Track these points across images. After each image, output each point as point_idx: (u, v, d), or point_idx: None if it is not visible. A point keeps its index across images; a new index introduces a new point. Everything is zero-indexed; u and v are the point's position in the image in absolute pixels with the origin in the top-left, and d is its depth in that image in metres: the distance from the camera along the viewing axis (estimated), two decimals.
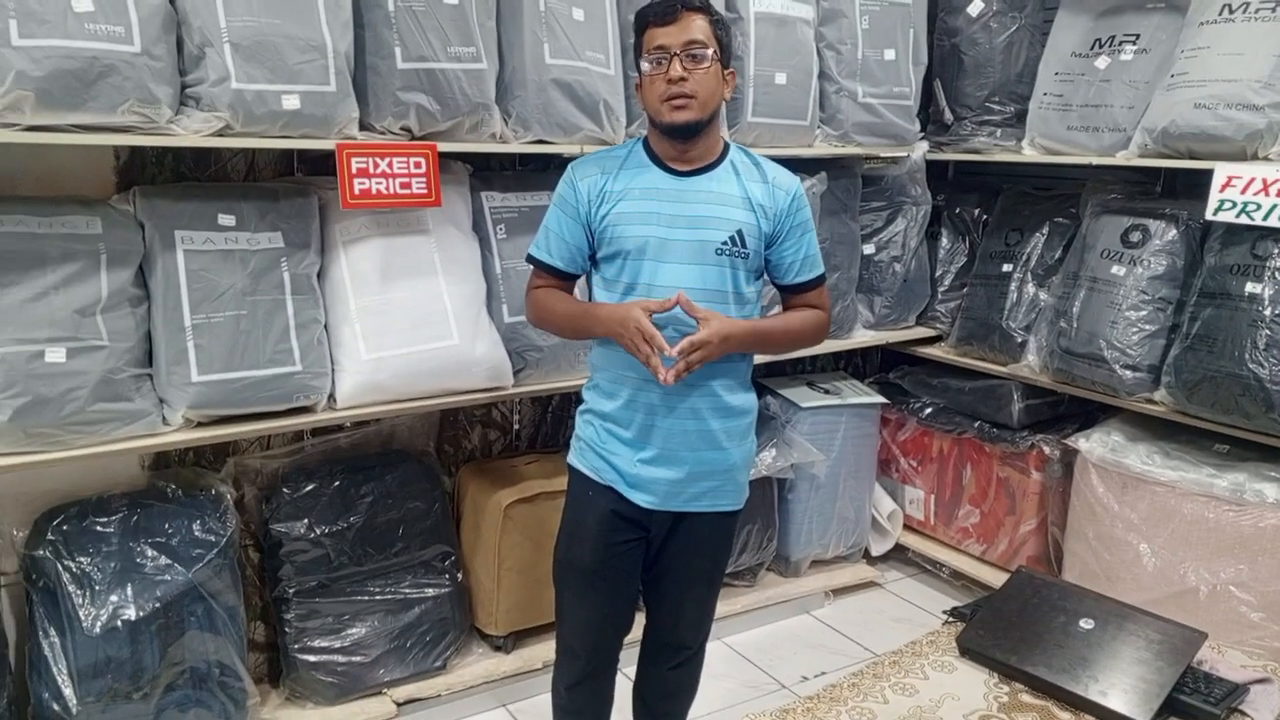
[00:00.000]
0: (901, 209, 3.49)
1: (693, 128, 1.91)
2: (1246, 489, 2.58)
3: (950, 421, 3.48)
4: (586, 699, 2.13)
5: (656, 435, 1.96)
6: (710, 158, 1.98)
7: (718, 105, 1.95)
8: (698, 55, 1.88)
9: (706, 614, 2.16)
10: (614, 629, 2.10)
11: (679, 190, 1.95)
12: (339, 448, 2.75)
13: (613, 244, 1.95)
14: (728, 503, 2.05)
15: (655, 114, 1.93)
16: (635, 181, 1.96)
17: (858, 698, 1.96)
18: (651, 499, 1.98)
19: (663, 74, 1.88)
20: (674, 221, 1.92)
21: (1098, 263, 2.98)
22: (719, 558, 2.12)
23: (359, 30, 2.28)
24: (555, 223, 2.01)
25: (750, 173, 2.00)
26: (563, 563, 2.08)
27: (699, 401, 1.95)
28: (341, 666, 2.55)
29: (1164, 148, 2.77)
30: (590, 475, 2.02)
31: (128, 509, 2.31)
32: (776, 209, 1.99)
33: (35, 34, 1.88)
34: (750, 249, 1.96)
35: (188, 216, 2.23)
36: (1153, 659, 1.95)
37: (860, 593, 3.52)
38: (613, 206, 1.95)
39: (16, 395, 2.00)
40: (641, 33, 1.94)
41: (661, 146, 1.98)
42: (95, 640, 2.16)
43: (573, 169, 2.02)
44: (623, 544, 2.02)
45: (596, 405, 2.03)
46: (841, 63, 3.13)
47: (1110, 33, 3.09)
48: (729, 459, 2.01)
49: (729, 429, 2.00)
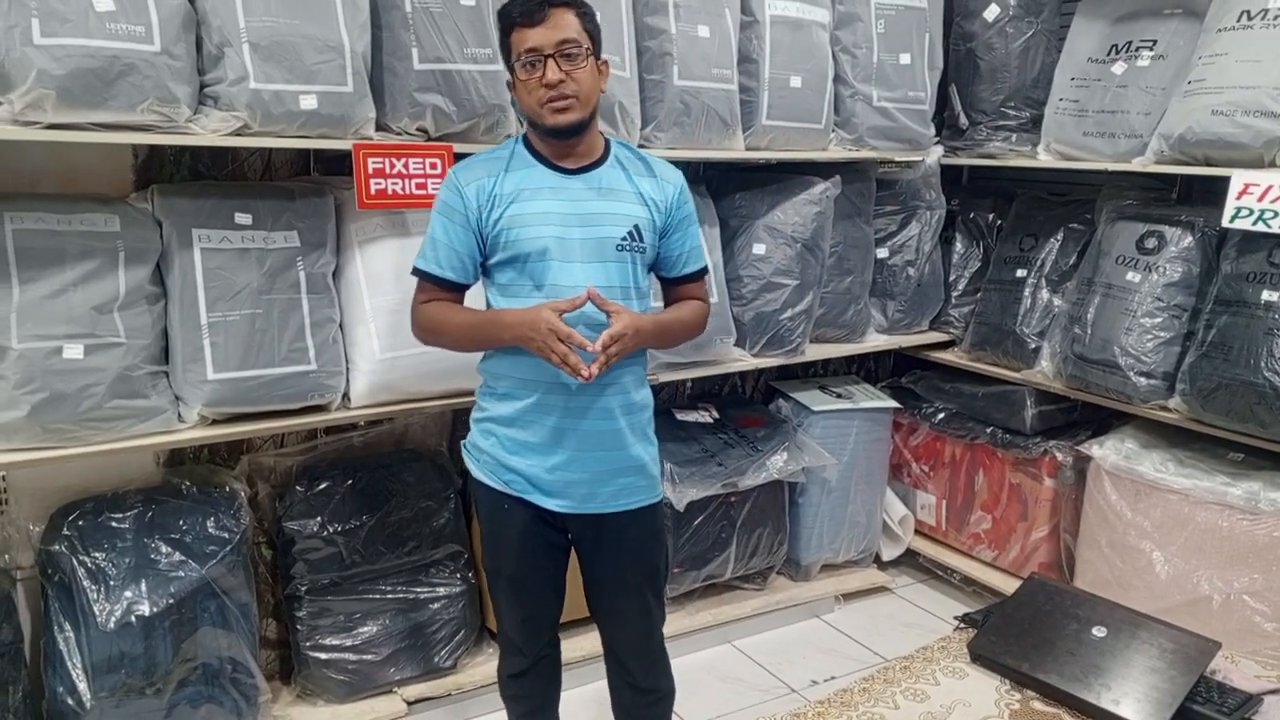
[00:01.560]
0: (916, 213, 3.49)
1: (576, 127, 1.90)
2: (1261, 498, 2.56)
3: (963, 427, 3.47)
4: (530, 685, 2.15)
5: (569, 439, 1.93)
6: (595, 154, 1.97)
7: (597, 101, 1.94)
8: (572, 54, 1.84)
9: (655, 617, 2.12)
10: (549, 620, 2.12)
11: (571, 188, 1.93)
12: (352, 446, 2.76)
13: (509, 247, 1.90)
14: (644, 497, 2.03)
15: (536, 117, 1.89)
16: (525, 182, 1.92)
17: (868, 702, 1.96)
18: (567, 504, 1.96)
19: (538, 77, 1.84)
20: (569, 220, 1.90)
21: (1113, 269, 2.97)
22: (653, 557, 2.08)
23: (376, 31, 2.29)
24: (443, 232, 1.94)
25: (637, 168, 2.00)
26: (490, 570, 2.09)
27: (611, 400, 1.94)
28: (352, 664, 2.56)
29: (1180, 154, 2.76)
30: (500, 489, 2.00)
31: (143, 505, 2.33)
32: (667, 202, 1.99)
33: (57, 33, 1.90)
34: (647, 243, 1.96)
35: (205, 215, 2.24)
36: (1165, 668, 1.94)
37: (871, 598, 3.51)
38: (505, 209, 1.90)
39: (35, 391, 2.02)
40: (508, 33, 1.89)
41: (545, 146, 1.95)
42: (109, 635, 2.17)
43: (454, 174, 1.96)
44: (544, 548, 2.03)
45: (496, 411, 1.99)
46: (857, 66, 3.13)
47: (1127, 38, 3.08)
48: (638, 456, 2.00)
49: (633, 424, 1.99)
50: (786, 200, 3.09)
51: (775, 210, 3.07)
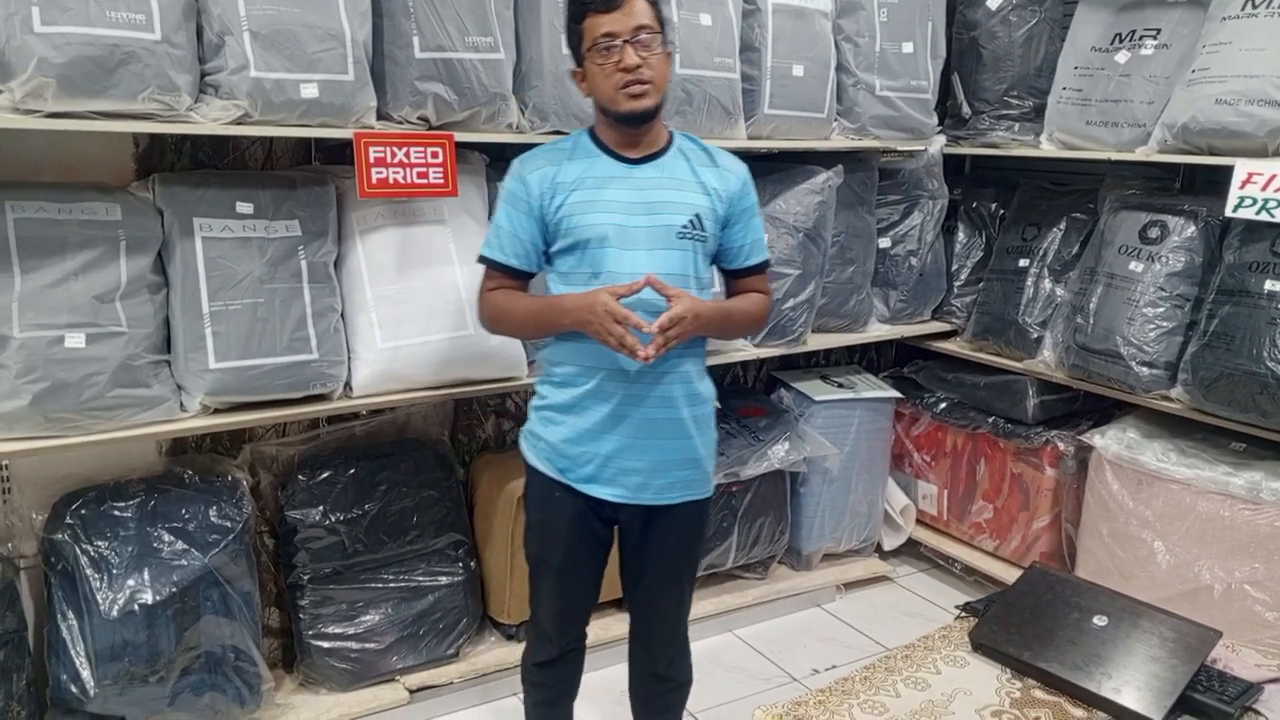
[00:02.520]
0: (918, 203, 3.48)
1: (649, 114, 1.90)
2: (1263, 487, 2.56)
3: (964, 416, 3.47)
4: (555, 676, 2.16)
5: (626, 426, 1.93)
6: (659, 144, 1.98)
7: (668, 88, 1.95)
8: (647, 40, 1.85)
9: (685, 607, 2.16)
10: (585, 614, 2.14)
11: (633, 177, 1.93)
12: (354, 436, 2.76)
13: (570, 234, 1.91)
14: (697, 491, 2.03)
15: (610, 103, 1.89)
16: (587, 171, 1.93)
17: (869, 691, 1.96)
18: (621, 493, 1.96)
19: (615, 62, 1.84)
20: (631, 208, 1.91)
21: (1115, 259, 2.96)
22: (695, 548, 2.12)
23: (377, 19, 2.28)
24: (507, 220, 1.97)
25: (700, 158, 2.00)
26: (535, 558, 2.10)
27: (672, 389, 1.94)
28: (355, 653, 2.57)
29: (1184, 144, 2.75)
30: (553, 476, 2.00)
31: (145, 494, 2.33)
32: (729, 192, 1.98)
33: (57, 21, 1.89)
34: (708, 232, 1.96)
35: (206, 204, 2.24)
36: (1166, 657, 1.93)
37: (872, 587, 3.52)
38: (566, 197, 1.92)
39: (37, 380, 2.02)
40: (579, 20, 1.88)
41: (611, 135, 1.96)
42: (112, 623, 2.18)
43: (519, 164, 1.99)
44: (592, 540, 2.03)
45: (555, 399, 1.99)
46: (859, 55, 3.12)
47: (1131, 27, 3.06)
48: (697, 448, 2.00)
49: (696, 416, 1.99)
50: (788, 189, 3.08)
51: (777, 199, 3.07)
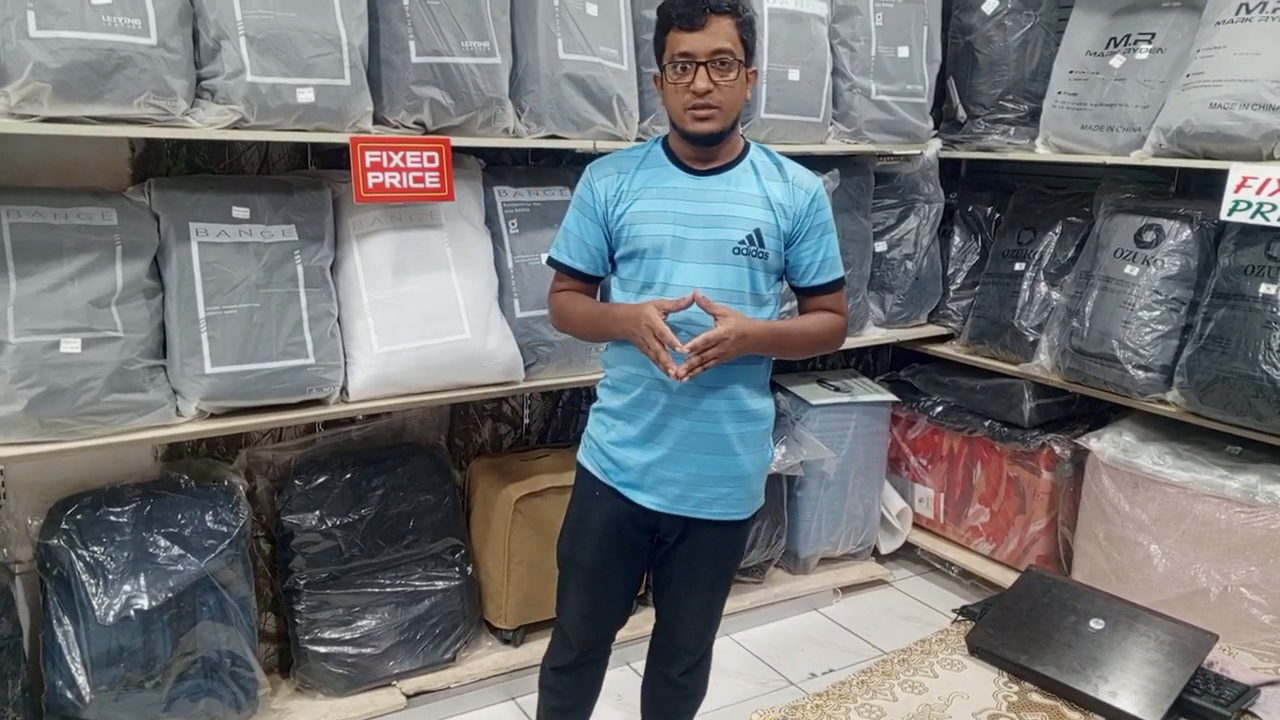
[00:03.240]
0: (914, 207, 3.49)
1: (716, 137, 1.89)
2: (1258, 491, 2.57)
3: (961, 420, 3.47)
4: (572, 683, 2.15)
5: (667, 435, 1.93)
6: (730, 157, 1.96)
7: (740, 112, 1.92)
8: (725, 65, 1.82)
9: (713, 619, 2.14)
10: (609, 624, 2.12)
11: (696, 189, 1.92)
12: (350, 440, 2.76)
13: (629, 243, 1.92)
14: (738, 511, 2.01)
15: (678, 120, 1.89)
16: (653, 180, 1.93)
17: (866, 695, 1.96)
18: (659, 501, 1.96)
19: (687, 83, 1.82)
20: (690, 220, 1.90)
21: (1111, 262, 2.97)
22: (728, 565, 2.10)
23: (374, 24, 2.28)
24: (575, 224, 1.99)
25: (770, 171, 1.97)
26: (565, 557, 2.09)
27: (716, 404, 1.92)
28: (351, 658, 2.56)
29: (1179, 147, 2.76)
30: (597, 475, 2.01)
31: (141, 499, 2.33)
32: (796, 208, 1.94)
33: (53, 25, 1.89)
34: (769, 248, 1.92)
35: (202, 208, 2.24)
36: (1163, 660, 1.94)
37: (869, 590, 3.52)
38: (629, 206, 1.93)
39: (32, 385, 2.02)
40: (664, 31, 1.86)
41: (681, 147, 1.95)
42: (108, 629, 2.17)
43: (590, 170, 2.00)
44: (627, 546, 2.02)
45: (608, 403, 2.01)
46: (855, 60, 3.13)
47: (1126, 31, 3.07)
48: (741, 465, 1.97)
49: (744, 434, 1.97)
50: None
51: None
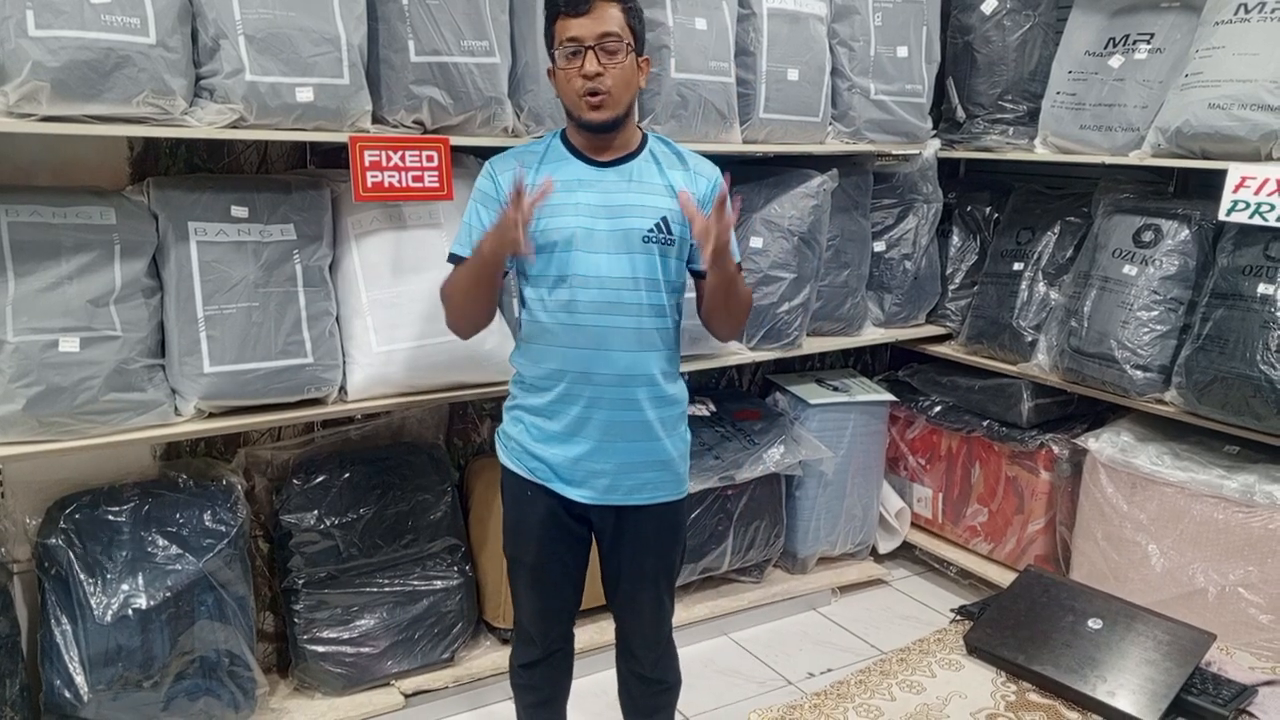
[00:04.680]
0: (913, 206, 3.49)
1: (610, 124, 1.91)
2: (1256, 490, 2.57)
3: (959, 420, 3.47)
4: (543, 677, 2.17)
5: (592, 428, 1.94)
6: (630, 148, 1.98)
7: (633, 98, 1.94)
8: (612, 49, 1.84)
9: (666, 610, 2.15)
10: (565, 615, 2.14)
11: (600, 180, 1.94)
12: (349, 440, 2.76)
13: (539, 236, 1.92)
14: (667, 493, 2.04)
15: (574, 109, 1.91)
16: (556, 174, 1.93)
17: (865, 694, 1.96)
18: (589, 494, 1.98)
19: (576, 69, 1.85)
20: (596, 212, 1.92)
21: (1109, 262, 2.97)
22: (669, 554, 2.11)
23: (373, 23, 2.28)
24: (476, 218, 1.99)
25: (671, 161, 2.01)
26: (510, 558, 2.11)
27: (637, 391, 1.95)
28: (350, 657, 2.56)
29: (1177, 147, 2.76)
30: (525, 476, 2.01)
31: (139, 498, 2.33)
32: (699, 196, 1.97)
33: (52, 25, 1.89)
34: (675, 235, 1.96)
35: (201, 208, 2.24)
36: (1161, 659, 1.94)
37: (867, 590, 3.52)
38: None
39: (30, 384, 2.02)
40: (552, 21, 1.89)
41: (579, 139, 1.97)
42: (106, 628, 2.17)
43: (491, 164, 2.01)
44: (567, 539, 2.04)
45: (526, 401, 2.02)
46: (854, 59, 3.13)
47: (1124, 31, 3.08)
48: (665, 450, 2.01)
49: (664, 418, 2.00)
50: (783, 193, 3.09)
51: (772, 203, 3.07)
